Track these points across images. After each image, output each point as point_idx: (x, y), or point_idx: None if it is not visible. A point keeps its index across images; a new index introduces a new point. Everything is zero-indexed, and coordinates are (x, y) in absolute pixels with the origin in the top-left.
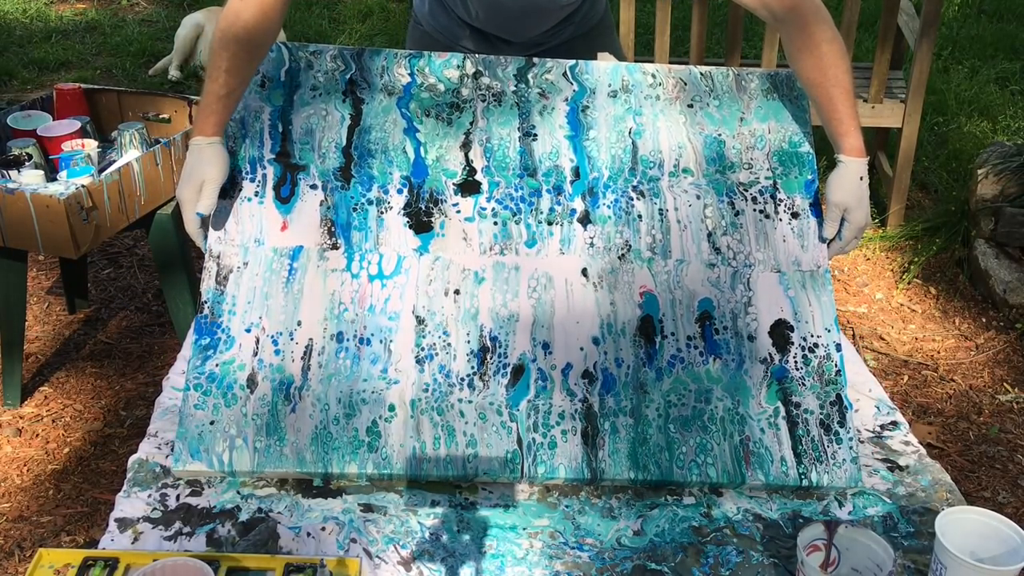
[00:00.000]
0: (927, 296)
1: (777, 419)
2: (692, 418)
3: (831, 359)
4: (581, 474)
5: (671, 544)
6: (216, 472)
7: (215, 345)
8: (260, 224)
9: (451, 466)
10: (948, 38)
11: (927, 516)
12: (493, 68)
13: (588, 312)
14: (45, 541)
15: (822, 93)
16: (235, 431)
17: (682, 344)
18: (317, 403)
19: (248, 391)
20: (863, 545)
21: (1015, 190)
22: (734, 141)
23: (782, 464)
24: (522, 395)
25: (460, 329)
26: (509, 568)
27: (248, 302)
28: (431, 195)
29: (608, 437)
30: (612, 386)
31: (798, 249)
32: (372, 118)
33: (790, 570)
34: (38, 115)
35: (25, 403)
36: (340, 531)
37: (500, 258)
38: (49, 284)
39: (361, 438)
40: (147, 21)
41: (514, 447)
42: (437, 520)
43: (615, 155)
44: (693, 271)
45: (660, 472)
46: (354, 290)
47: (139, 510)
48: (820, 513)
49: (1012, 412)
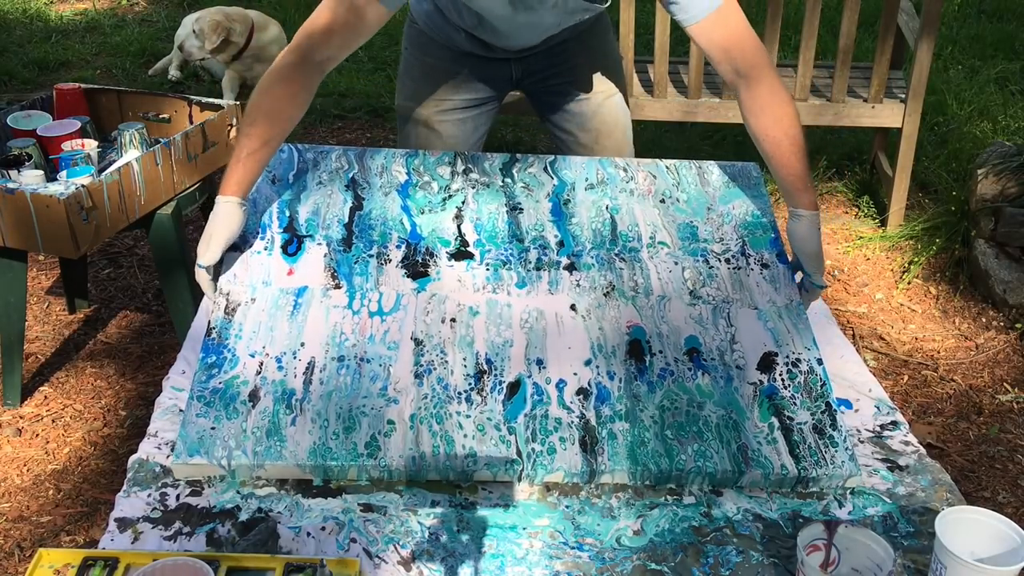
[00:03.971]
0: (927, 296)
1: (773, 433)
2: (687, 424)
3: (814, 372)
4: (581, 477)
5: (671, 544)
6: (215, 468)
7: (220, 364)
8: (268, 269)
9: (451, 470)
10: (948, 38)
11: (927, 516)
12: (481, 163)
13: (579, 339)
14: (45, 541)
15: (780, 150)
16: (234, 443)
17: (671, 361)
18: (317, 418)
19: (250, 405)
20: (863, 545)
21: (1015, 190)
22: (705, 225)
23: (782, 469)
24: (519, 409)
25: (457, 353)
26: (509, 568)
27: (254, 331)
28: (427, 251)
29: (607, 444)
30: (607, 397)
31: (771, 291)
32: (372, 203)
33: (790, 570)
34: (38, 115)
35: (25, 403)
36: (340, 531)
37: (493, 296)
38: (49, 284)
39: (360, 451)
40: (147, 21)
41: (513, 456)
42: (437, 520)
43: (596, 229)
44: (676, 308)
45: (660, 473)
46: (355, 323)
47: (139, 510)
48: (820, 513)
49: (1012, 412)
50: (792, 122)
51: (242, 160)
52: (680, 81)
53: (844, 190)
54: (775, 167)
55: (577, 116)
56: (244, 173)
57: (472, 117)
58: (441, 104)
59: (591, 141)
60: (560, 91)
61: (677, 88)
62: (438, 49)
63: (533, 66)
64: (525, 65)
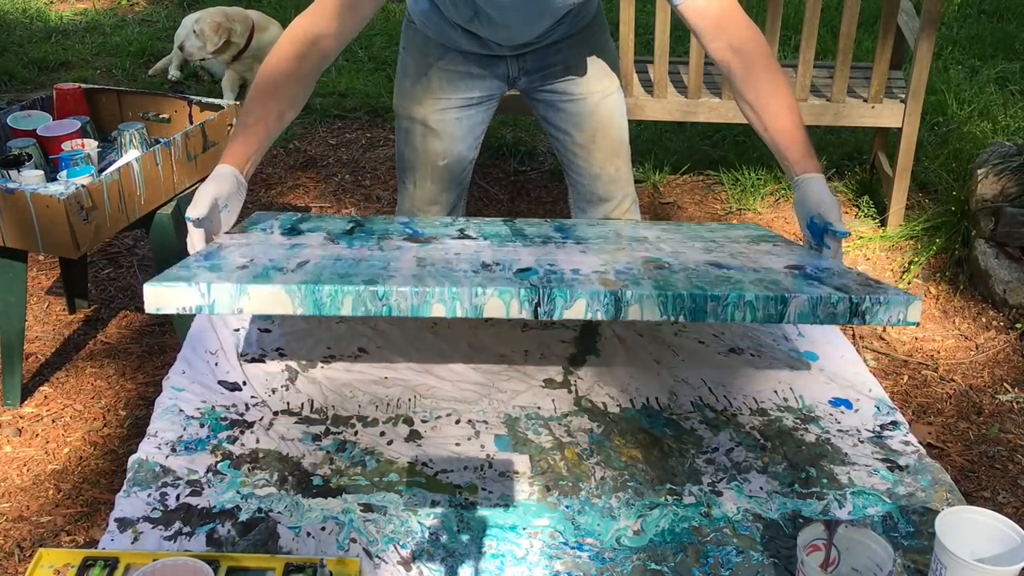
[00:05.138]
0: (927, 296)
1: (815, 288)
2: (718, 282)
3: (848, 271)
4: (605, 307)
5: (671, 544)
6: (194, 294)
7: (209, 257)
8: (266, 240)
9: (457, 301)
10: (948, 38)
11: (927, 516)
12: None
13: (591, 258)
14: (45, 541)
15: (780, 121)
16: (217, 276)
17: (691, 268)
18: (312, 269)
19: (241, 269)
20: (863, 545)
21: (1015, 190)
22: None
23: (831, 296)
24: (532, 275)
25: (463, 262)
26: (509, 568)
27: (246, 248)
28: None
29: (632, 286)
30: (628, 273)
31: (787, 252)
32: (373, 224)
33: (790, 570)
34: (38, 115)
35: (25, 403)
36: (340, 531)
37: (499, 250)
38: (49, 284)
39: (357, 283)
40: (147, 21)
41: (528, 287)
42: (437, 520)
43: (602, 236)
44: (691, 254)
45: (694, 304)
46: (355, 252)
47: (139, 510)
48: (820, 513)
49: (1012, 412)
50: (789, 92)
51: (238, 134)
52: (680, 81)
53: (844, 190)
54: (776, 139)
55: (573, 116)
56: (239, 146)
57: (469, 116)
58: (439, 103)
59: (587, 140)
60: (556, 90)
61: (677, 88)
62: (436, 49)
63: (530, 65)
64: (522, 63)
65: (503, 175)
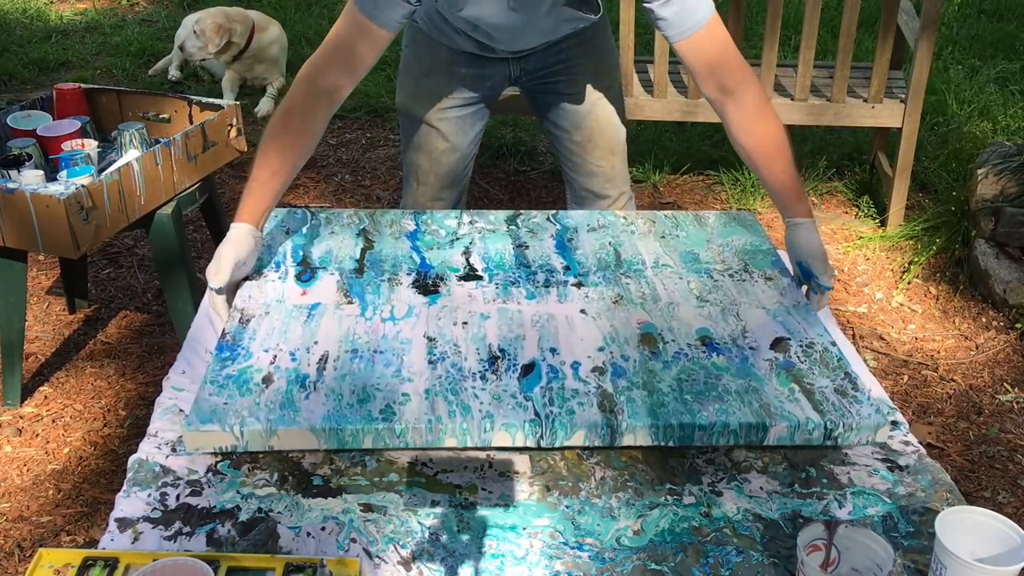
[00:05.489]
0: (927, 296)
1: (795, 395)
2: (706, 391)
3: (830, 351)
4: (602, 436)
5: (671, 544)
6: (228, 437)
7: (234, 357)
8: (282, 291)
9: (468, 435)
10: (948, 38)
11: (927, 516)
12: (486, 216)
13: (590, 333)
14: (45, 541)
15: (772, 165)
16: (247, 413)
17: (683, 347)
18: (331, 393)
19: (264, 386)
20: (863, 545)
21: (1015, 190)
22: (706, 252)
23: (808, 422)
24: (535, 383)
25: (470, 345)
26: (509, 568)
27: (268, 334)
28: (437, 275)
29: (625, 406)
30: (622, 373)
31: (777, 295)
32: (382, 244)
33: (790, 570)
34: (38, 115)
35: (25, 403)
36: (340, 531)
37: (503, 305)
38: (49, 284)
39: (374, 416)
40: (147, 21)
41: (532, 417)
42: (437, 520)
43: (600, 258)
44: (684, 310)
45: (682, 432)
46: (368, 327)
47: (139, 510)
48: (820, 513)
49: (1012, 412)
50: (781, 135)
51: (253, 190)
52: (680, 81)
53: (844, 190)
54: (769, 182)
55: (572, 114)
56: (255, 203)
57: (471, 114)
58: (441, 102)
59: (584, 138)
60: (556, 89)
61: (677, 88)
62: (437, 48)
63: (531, 65)
64: (523, 64)
65: (503, 175)
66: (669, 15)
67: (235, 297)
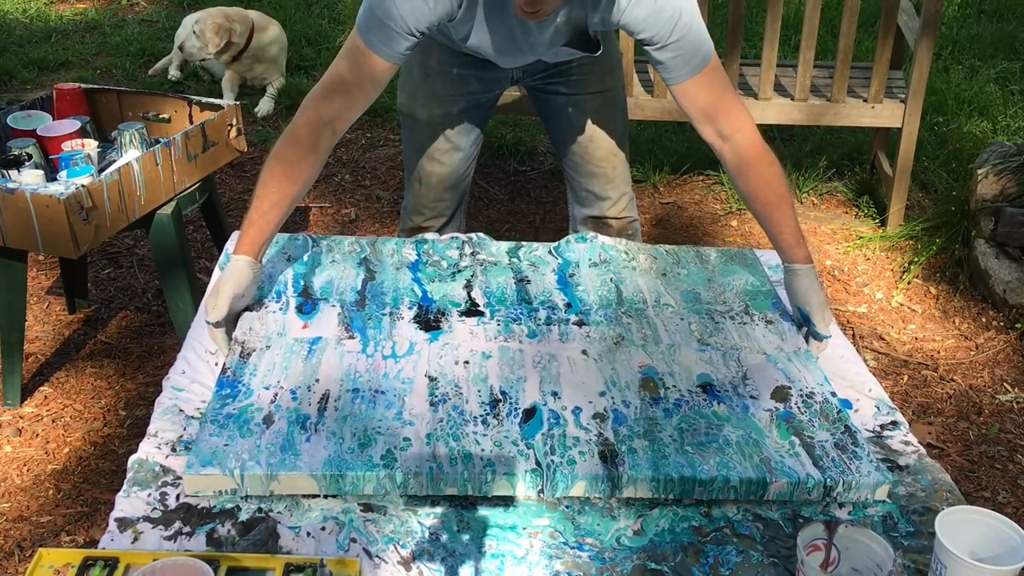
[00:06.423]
0: (927, 296)
1: (795, 448)
2: (707, 441)
3: (829, 402)
4: (603, 489)
5: (671, 544)
6: (228, 480)
7: (235, 395)
8: (283, 324)
9: (469, 484)
10: (948, 38)
11: (927, 516)
12: (488, 247)
13: (592, 376)
14: (45, 541)
15: (771, 210)
16: (247, 456)
17: (684, 393)
18: (332, 436)
19: (264, 427)
20: (863, 545)
21: (1015, 190)
22: (707, 292)
23: (808, 478)
24: (536, 429)
25: (471, 387)
26: (509, 568)
27: (268, 370)
28: (438, 310)
29: (627, 456)
30: (623, 420)
31: (778, 340)
32: (383, 275)
33: (790, 570)
34: (38, 115)
35: (25, 403)
36: (340, 531)
37: (505, 343)
38: (49, 284)
39: (376, 462)
40: (147, 21)
41: (533, 466)
42: (437, 520)
43: (602, 295)
44: (685, 353)
45: (683, 486)
46: (369, 364)
47: (139, 510)
48: (820, 513)
49: (1012, 412)
50: (780, 181)
51: (254, 222)
52: None
53: (844, 190)
54: (767, 226)
55: (573, 114)
56: (256, 234)
57: (472, 115)
58: (443, 104)
59: (586, 139)
60: (558, 90)
61: None
62: (439, 50)
63: (533, 67)
64: (526, 67)
65: (503, 175)
66: (666, 59)
67: (235, 328)
